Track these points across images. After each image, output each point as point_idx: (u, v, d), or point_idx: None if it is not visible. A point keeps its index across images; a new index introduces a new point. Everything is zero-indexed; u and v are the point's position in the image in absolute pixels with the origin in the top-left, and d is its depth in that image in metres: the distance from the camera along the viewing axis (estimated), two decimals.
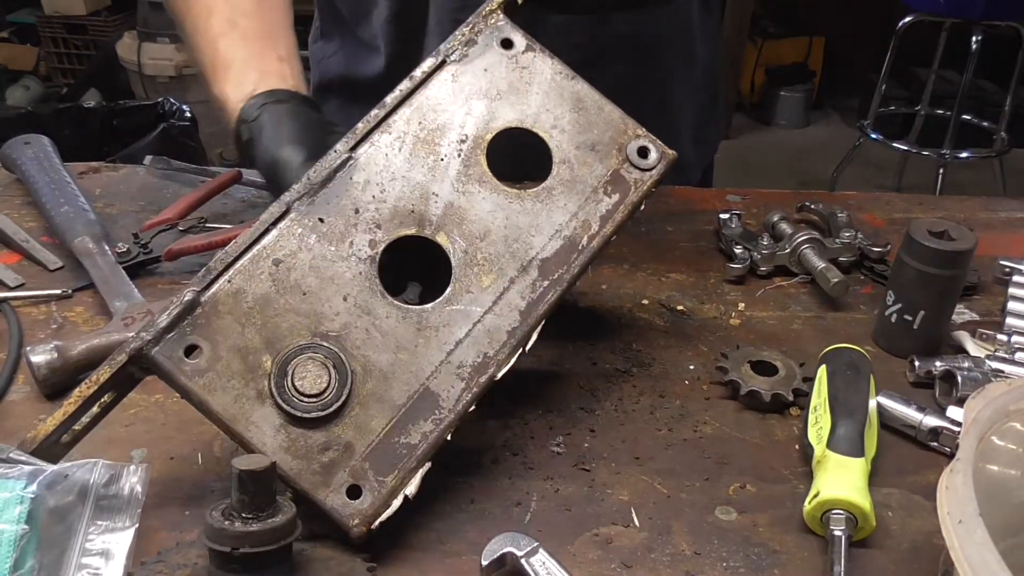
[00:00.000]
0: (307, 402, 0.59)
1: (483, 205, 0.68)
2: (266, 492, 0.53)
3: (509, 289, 0.66)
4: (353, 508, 0.58)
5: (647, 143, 0.73)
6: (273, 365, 0.59)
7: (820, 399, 0.69)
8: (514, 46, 0.72)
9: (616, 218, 0.70)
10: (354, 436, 0.59)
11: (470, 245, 0.66)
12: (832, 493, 0.60)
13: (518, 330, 0.65)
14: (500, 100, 0.71)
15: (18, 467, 0.60)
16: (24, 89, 4.11)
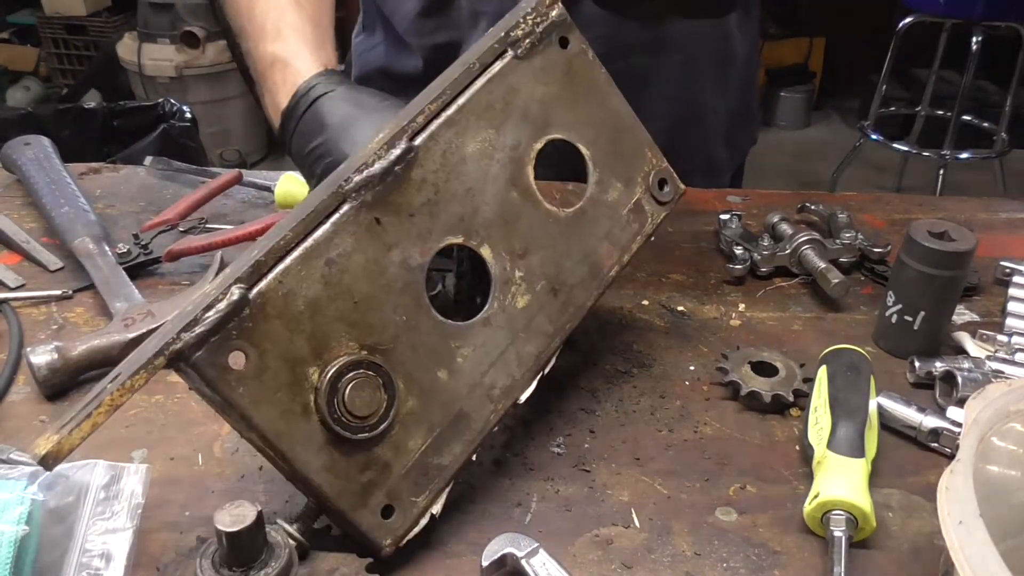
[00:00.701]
0: (356, 423, 0.56)
1: (526, 221, 0.66)
2: (253, 545, 0.53)
3: (539, 313, 0.66)
4: (386, 528, 0.57)
5: (666, 176, 0.73)
6: (321, 379, 0.55)
7: (820, 400, 0.69)
8: (570, 45, 0.69)
9: (632, 249, 0.71)
10: (392, 456, 0.58)
11: (511, 262, 0.65)
12: (832, 494, 0.60)
13: (543, 355, 0.65)
14: (552, 105, 0.68)
15: (18, 468, 0.60)
16: (24, 90, 4.11)
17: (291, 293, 0.55)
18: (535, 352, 0.65)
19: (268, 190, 1.05)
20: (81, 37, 4.07)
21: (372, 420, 0.56)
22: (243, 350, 0.53)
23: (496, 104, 0.65)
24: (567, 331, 0.67)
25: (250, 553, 0.53)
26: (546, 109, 0.67)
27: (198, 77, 3.61)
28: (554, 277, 0.67)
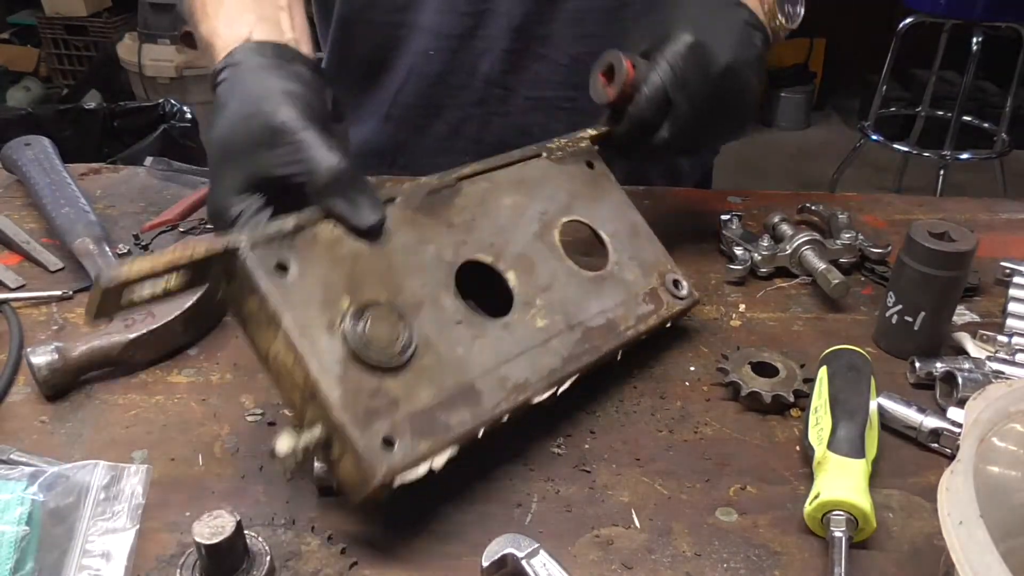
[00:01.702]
0: (373, 350, 0.60)
1: (550, 265, 0.74)
2: (233, 555, 0.53)
3: (555, 337, 0.70)
4: (382, 458, 0.57)
5: (680, 279, 0.81)
6: (351, 306, 0.61)
7: (821, 400, 0.69)
8: (595, 168, 0.84)
9: (649, 321, 0.77)
10: (402, 396, 0.60)
11: (532, 289, 0.71)
12: (832, 494, 0.60)
13: (558, 371, 0.68)
14: (576, 198, 0.80)
15: (19, 468, 0.60)
16: (25, 90, 4.12)
17: (340, 240, 0.63)
18: (550, 366, 0.68)
19: None
20: (81, 37, 4.08)
21: (390, 352, 0.61)
22: (293, 261, 0.60)
23: (528, 181, 0.78)
24: (583, 363, 0.70)
25: (231, 563, 0.53)
26: (571, 198, 0.80)
27: (198, 77, 3.62)
28: (572, 316, 0.72)
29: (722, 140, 0.89)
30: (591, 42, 1.04)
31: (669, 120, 0.83)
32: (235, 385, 0.75)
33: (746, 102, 0.86)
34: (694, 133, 0.84)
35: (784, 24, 0.91)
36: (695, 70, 0.81)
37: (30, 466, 0.61)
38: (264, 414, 0.71)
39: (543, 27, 1.04)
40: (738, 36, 0.84)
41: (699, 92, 0.82)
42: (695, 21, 0.83)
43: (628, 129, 0.84)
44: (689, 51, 0.81)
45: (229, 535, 0.52)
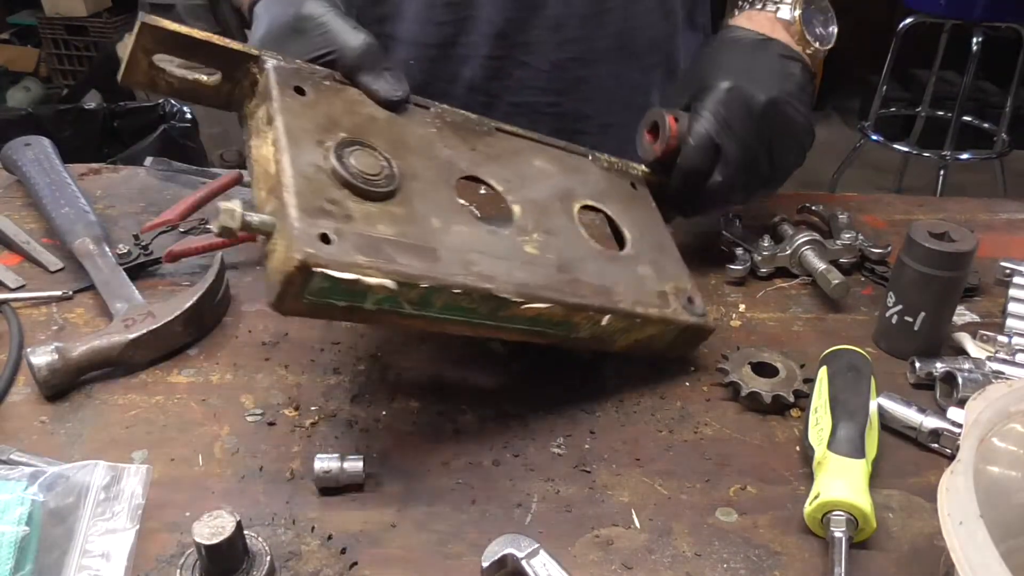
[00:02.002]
0: (353, 171, 0.63)
1: (560, 223, 0.75)
2: (233, 555, 0.53)
3: (540, 267, 0.69)
4: (312, 244, 0.56)
5: (696, 298, 0.79)
6: (347, 137, 0.66)
7: (821, 400, 0.69)
8: (637, 189, 0.87)
9: (649, 310, 0.73)
10: (360, 218, 0.61)
11: (533, 225, 0.72)
12: (832, 495, 0.60)
13: (529, 288, 0.66)
14: (608, 198, 0.82)
15: (19, 468, 0.60)
16: (25, 90, 4.11)
17: (363, 101, 0.71)
18: (523, 279, 0.66)
19: None
20: (81, 38, 4.08)
21: (368, 178, 0.64)
22: (311, 90, 0.67)
23: (566, 163, 0.82)
24: (561, 298, 0.67)
25: (231, 563, 0.53)
26: (602, 195, 0.82)
27: None
28: (566, 263, 0.71)
29: (779, 177, 0.89)
30: (572, 48, 1.06)
31: (720, 164, 0.84)
32: (235, 385, 0.75)
33: (795, 133, 0.87)
34: (748, 174, 0.85)
35: (819, 47, 0.92)
36: (738, 112, 0.83)
37: (30, 466, 0.61)
38: (264, 414, 0.71)
39: (524, 34, 1.05)
40: (774, 71, 0.86)
41: (745, 132, 0.83)
42: (729, 67, 0.85)
43: (681, 181, 0.86)
44: (728, 95, 0.83)
45: (229, 535, 0.52)
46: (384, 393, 0.74)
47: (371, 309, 0.60)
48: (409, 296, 0.60)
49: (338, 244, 0.57)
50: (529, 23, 1.04)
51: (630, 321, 0.72)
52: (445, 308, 0.63)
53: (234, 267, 0.92)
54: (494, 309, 0.65)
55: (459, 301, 0.63)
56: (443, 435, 0.70)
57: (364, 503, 0.63)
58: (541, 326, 0.68)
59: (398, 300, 0.60)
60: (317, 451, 0.66)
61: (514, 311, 0.65)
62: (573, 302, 0.68)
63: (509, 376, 0.77)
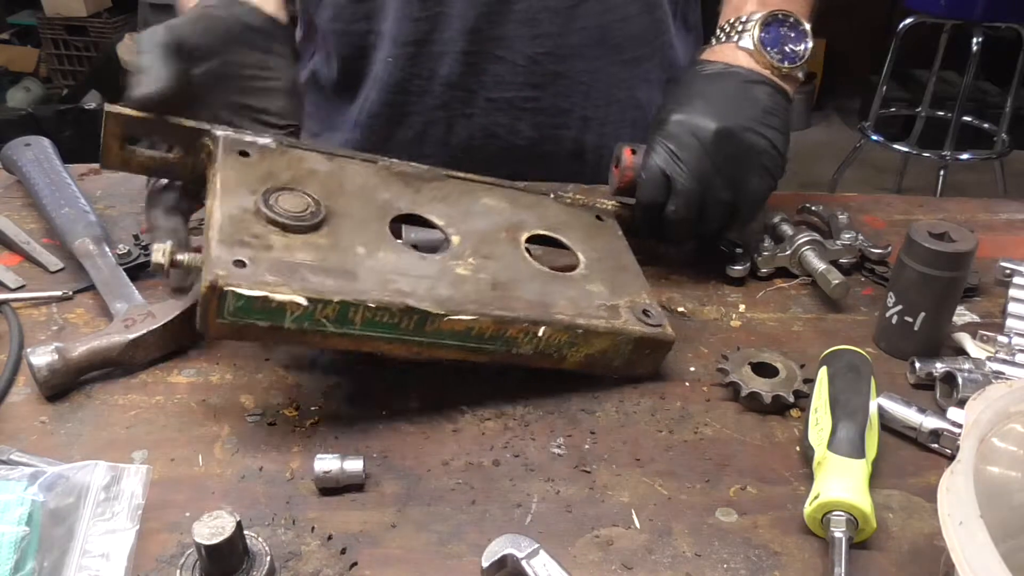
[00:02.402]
0: (277, 210, 0.68)
1: (502, 250, 0.77)
2: (233, 555, 0.53)
3: (470, 283, 0.71)
4: (227, 267, 0.62)
5: (652, 309, 0.78)
6: (275, 185, 0.71)
7: (821, 401, 0.69)
8: (604, 220, 0.89)
9: (594, 322, 0.73)
10: (279, 247, 0.66)
11: (470, 253, 0.74)
12: (832, 495, 0.60)
13: (451, 301, 0.68)
14: (565, 227, 0.84)
15: (19, 469, 0.60)
16: (25, 91, 4.12)
17: (307, 157, 0.77)
18: (447, 295, 0.68)
19: None
20: (81, 38, 4.08)
21: (286, 214, 0.68)
22: (255, 153, 0.74)
23: (520, 201, 0.84)
24: (487, 315, 0.68)
25: (231, 564, 0.53)
26: (558, 227, 0.84)
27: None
28: (502, 281, 0.73)
29: (747, 204, 0.88)
30: (546, 42, 1.06)
31: (672, 195, 0.85)
32: (235, 385, 0.75)
33: (755, 160, 0.86)
34: (703, 204, 0.86)
35: (789, 66, 0.91)
36: (687, 143, 0.84)
37: (30, 466, 0.61)
38: (264, 414, 0.71)
39: (497, 28, 1.05)
40: (731, 98, 0.86)
41: (696, 163, 0.84)
42: (682, 99, 0.87)
43: (640, 212, 0.88)
44: (678, 127, 0.85)
45: (229, 535, 0.52)
46: (384, 393, 0.74)
47: (292, 328, 0.63)
48: (325, 313, 0.63)
49: (251, 267, 0.63)
50: (502, 17, 1.05)
51: (572, 333, 0.72)
52: (367, 325, 0.65)
53: None
54: (419, 324, 0.67)
55: (379, 317, 0.65)
56: (443, 435, 0.70)
57: (364, 503, 0.63)
58: (475, 341, 0.69)
59: (315, 318, 0.63)
60: (317, 451, 0.66)
61: (439, 325, 0.67)
62: (501, 314, 0.69)
63: (509, 376, 0.77)
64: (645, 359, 0.77)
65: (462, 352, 0.70)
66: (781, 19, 0.92)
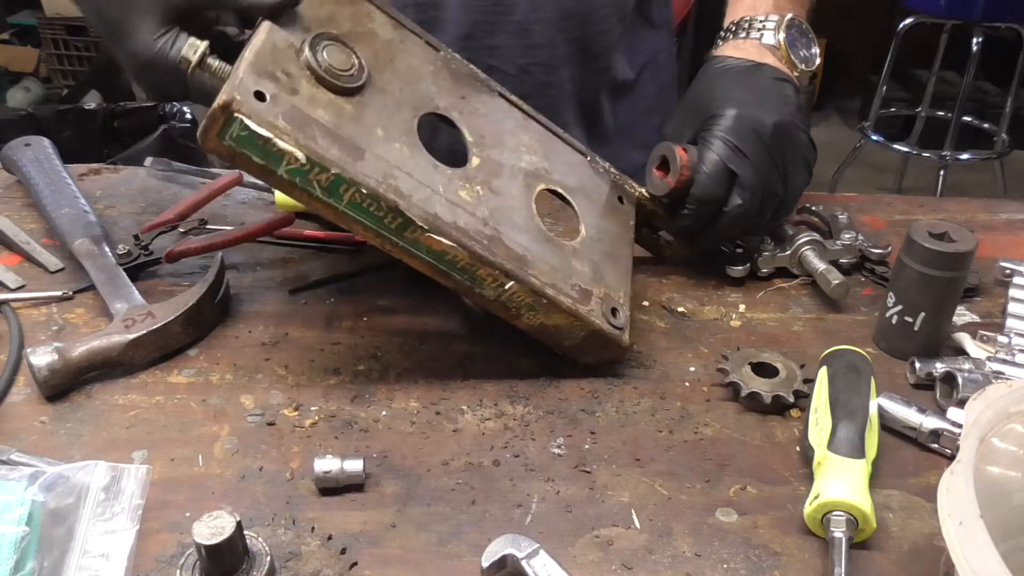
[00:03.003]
0: (319, 59, 0.67)
1: (513, 188, 0.77)
2: (233, 555, 0.53)
3: (465, 211, 0.70)
4: (246, 93, 0.61)
5: (621, 310, 0.78)
6: (330, 32, 0.70)
7: (821, 401, 0.69)
8: (623, 204, 0.88)
9: (560, 298, 0.72)
10: (305, 97, 0.65)
11: (480, 179, 0.74)
12: (832, 495, 0.60)
13: (438, 221, 0.67)
14: (581, 193, 0.83)
15: (19, 469, 0.60)
16: (25, 91, 4.11)
17: (370, 17, 0.76)
18: (437, 212, 0.68)
19: (268, 191, 1.05)
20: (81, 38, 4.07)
21: (326, 67, 0.68)
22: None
23: (554, 150, 0.84)
24: (468, 245, 0.68)
25: (231, 563, 0.53)
26: (575, 190, 0.83)
27: None
28: (496, 220, 0.72)
29: (791, 198, 0.90)
30: (538, 53, 1.08)
31: (737, 188, 0.85)
32: (235, 385, 0.75)
33: (801, 155, 0.88)
34: (764, 197, 0.86)
35: (804, 69, 0.93)
36: (749, 137, 0.84)
37: (30, 467, 0.61)
38: (264, 414, 0.71)
39: (491, 37, 1.06)
40: (773, 94, 0.88)
41: (758, 157, 0.84)
42: (730, 95, 0.87)
43: (696, 208, 0.86)
44: (737, 122, 0.85)
45: (229, 535, 0.52)
46: (384, 393, 0.74)
47: (283, 177, 0.63)
48: (319, 178, 0.63)
49: (269, 105, 0.62)
50: (496, 27, 1.06)
51: (536, 299, 0.72)
52: (352, 205, 0.65)
53: (234, 267, 0.92)
54: (400, 227, 0.67)
55: (367, 203, 0.65)
56: (443, 435, 0.70)
57: (364, 503, 0.63)
58: (446, 266, 0.69)
59: (308, 178, 0.63)
60: (317, 451, 0.66)
61: (419, 236, 0.67)
62: (479, 252, 0.69)
63: (509, 376, 0.77)
64: (593, 351, 0.77)
65: (430, 269, 0.70)
66: (798, 23, 0.94)
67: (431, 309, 0.86)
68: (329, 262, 0.95)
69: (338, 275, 0.92)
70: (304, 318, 0.85)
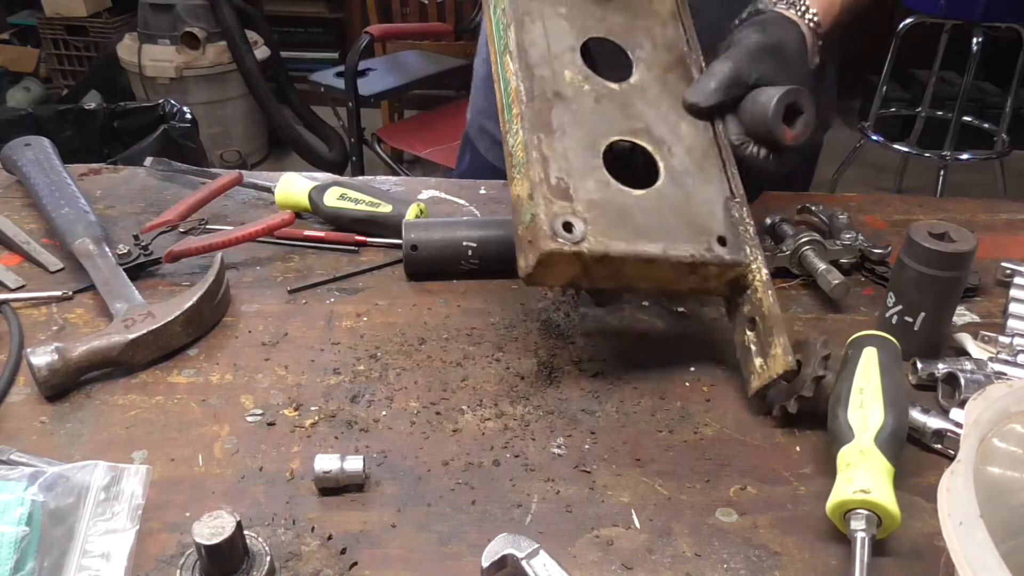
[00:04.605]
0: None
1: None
2: (233, 555, 0.53)
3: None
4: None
5: (572, 223, 0.72)
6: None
7: (871, 384, 0.66)
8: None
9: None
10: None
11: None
12: (879, 497, 0.58)
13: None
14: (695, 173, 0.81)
15: (19, 469, 0.60)
16: (25, 91, 4.12)
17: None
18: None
19: (268, 191, 1.05)
20: (81, 38, 4.07)
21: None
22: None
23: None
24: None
25: (231, 563, 0.53)
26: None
27: (198, 78, 3.62)
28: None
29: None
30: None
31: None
32: (235, 385, 0.75)
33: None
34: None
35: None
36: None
37: (30, 466, 0.61)
38: (264, 414, 0.71)
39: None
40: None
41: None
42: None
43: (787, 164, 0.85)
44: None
45: (229, 535, 0.52)
46: (384, 393, 0.74)
47: None
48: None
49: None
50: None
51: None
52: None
53: (234, 267, 0.92)
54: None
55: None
56: (443, 435, 0.70)
57: (364, 503, 0.63)
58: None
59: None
60: (317, 451, 0.66)
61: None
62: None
63: (509, 376, 0.77)
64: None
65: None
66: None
67: (431, 309, 0.86)
68: (329, 262, 0.95)
69: (338, 275, 0.92)
70: (304, 318, 0.85)
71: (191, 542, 0.52)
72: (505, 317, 0.85)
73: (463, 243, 0.90)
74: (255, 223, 0.92)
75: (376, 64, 3.19)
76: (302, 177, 1.04)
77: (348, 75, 2.80)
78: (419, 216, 0.97)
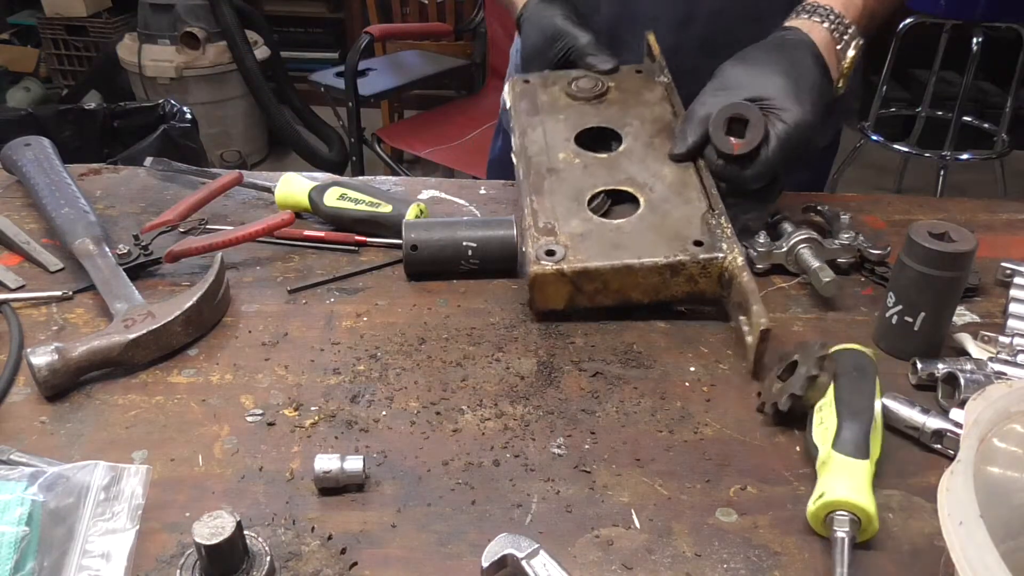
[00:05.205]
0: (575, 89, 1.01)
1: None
2: (233, 555, 0.53)
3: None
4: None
5: (556, 249, 0.84)
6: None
7: (826, 400, 0.69)
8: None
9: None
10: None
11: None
12: (837, 495, 0.59)
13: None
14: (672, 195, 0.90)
15: (19, 469, 0.60)
16: (25, 91, 4.12)
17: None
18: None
19: (268, 191, 1.05)
20: (81, 38, 4.08)
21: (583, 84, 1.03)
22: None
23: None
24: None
25: (231, 563, 0.53)
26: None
27: (198, 78, 3.62)
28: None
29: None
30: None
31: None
32: (235, 385, 0.75)
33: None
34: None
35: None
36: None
37: (30, 466, 0.61)
38: (264, 414, 0.71)
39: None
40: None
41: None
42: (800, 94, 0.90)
43: (759, 172, 0.88)
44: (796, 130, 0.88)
45: (229, 535, 0.52)
46: (384, 393, 0.74)
47: None
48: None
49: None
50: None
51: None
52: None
53: (234, 267, 0.92)
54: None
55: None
56: (443, 435, 0.70)
57: (364, 503, 0.63)
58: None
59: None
60: (317, 451, 0.66)
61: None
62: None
63: (509, 376, 0.77)
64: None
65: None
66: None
67: (432, 309, 0.86)
68: (329, 262, 0.95)
69: (338, 275, 0.92)
70: (304, 318, 0.85)
71: (191, 542, 0.52)
72: (505, 317, 0.85)
73: (463, 243, 0.90)
74: (255, 223, 0.92)
75: (376, 64, 3.20)
76: (302, 177, 1.04)
77: (348, 75, 2.80)
78: (419, 216, 0.97)
